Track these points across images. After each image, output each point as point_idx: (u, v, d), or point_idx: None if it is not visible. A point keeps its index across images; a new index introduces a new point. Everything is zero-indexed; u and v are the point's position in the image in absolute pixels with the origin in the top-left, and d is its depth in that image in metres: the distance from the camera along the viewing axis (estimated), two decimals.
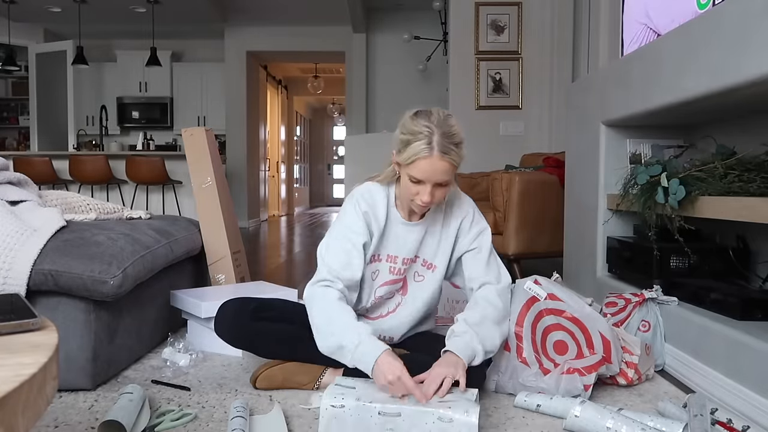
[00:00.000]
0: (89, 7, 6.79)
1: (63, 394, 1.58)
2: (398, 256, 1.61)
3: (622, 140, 2.43)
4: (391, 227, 1.59)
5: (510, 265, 3.32)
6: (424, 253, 1.63)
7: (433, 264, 1.64)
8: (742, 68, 1.47)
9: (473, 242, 1.63)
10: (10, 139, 8.67)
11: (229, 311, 1.69)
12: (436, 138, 1.40)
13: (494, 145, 4.91)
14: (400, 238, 1.60)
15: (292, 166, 11.83)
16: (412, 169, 1.44)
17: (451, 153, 1.41)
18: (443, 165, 1.42)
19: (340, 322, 1.43)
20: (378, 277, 1.62)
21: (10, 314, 0.81)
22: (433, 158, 1.40)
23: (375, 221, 1.57)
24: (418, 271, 1.64)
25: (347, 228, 1.56)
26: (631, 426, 1.29)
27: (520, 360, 1.62)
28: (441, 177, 1.43)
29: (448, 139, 1.41)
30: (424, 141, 1.40)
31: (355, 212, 1.57)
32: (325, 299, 1.48)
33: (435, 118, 1.43)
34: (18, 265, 1.53)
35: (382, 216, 1.58)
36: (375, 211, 1.58)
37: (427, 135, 1.40)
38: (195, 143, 2.69)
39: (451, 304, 2.42)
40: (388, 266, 1.61)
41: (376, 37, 7.12)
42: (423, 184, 1.45)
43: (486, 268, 1.61)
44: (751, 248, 1.99)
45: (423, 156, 1.40)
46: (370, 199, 1.58)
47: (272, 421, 1.40)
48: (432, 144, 1.40)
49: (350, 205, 1.59)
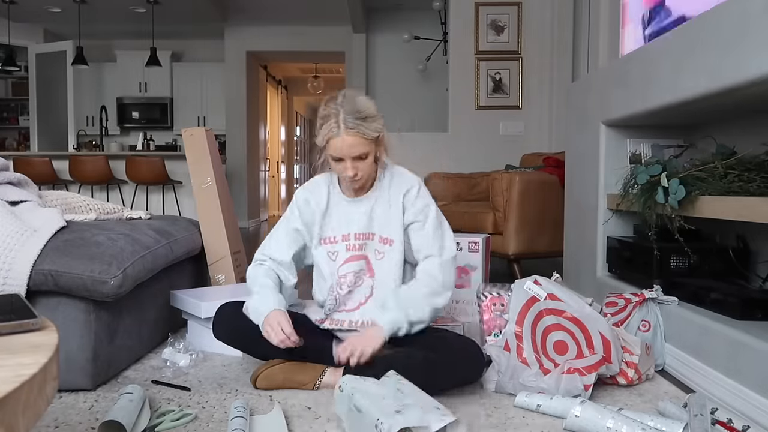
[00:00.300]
0: (89, 7, 6.79)
1: (63, 394, 1.58)
2: (350, 233, 1.70)
3: (622, 140, 2.43)
4: (335, 207, 1.72)
5: (510, 265, 3.32)
6: (378, 229, 1.70)
7: (388, 238, 1.69)
8: (741, 68, 1.47)
9: (418, 214, 1.69)
10: (10, 140, 8.67)
11: (227, 313, 1.70)
12: (342, 116, 1.54)
13: (494, 145, 4.91)
14: (347, 215, 1.71)
15: (292, 166, 11.83)
16: (329, 150, 1.58)
17: (359, 127, 1.54)
18: (352, 139, 1.55)
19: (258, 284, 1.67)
20: (338, 257, 1.70)
21: (10, 314, 0.81)
22: (341, 136, 1.55)
23: (316, 206, 1.73)
24: (378, 248, 1.70)
25: (285, 216, 1.77)
26: (631, 426, 1.29)
27: (520, 360, 1.62)
28: (355, 151, 1.56)
29: (353, 115, 1.54)
30: (332, 121, 1.55)
31: (293, 202, 1.77)
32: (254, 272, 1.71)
33: (341, 99, 1.57)
34: (18, 265, 1.53)
35: (324, 199, 1.73)
36: (316, 197, 1.73)
37: (333, 115, 1.55)
38: (195, 143, 2.69)
39: (451, 304, 2.42)
40: (344, 245, 1.70)
41: (376, 37, 7.12)
42: (343, 161, 1.58)
43: (430, 241, 1.67)
44: (751, 248, 1.99)
45: (332, 135, 1.55)
46: (311, 186, 1.76)
47: (272, 421, 1.40)
48: (338, 122, 1.54)
49: (294, 197, 1.78)
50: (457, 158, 4.79)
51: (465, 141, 4.94)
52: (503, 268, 3.64)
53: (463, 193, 4.10)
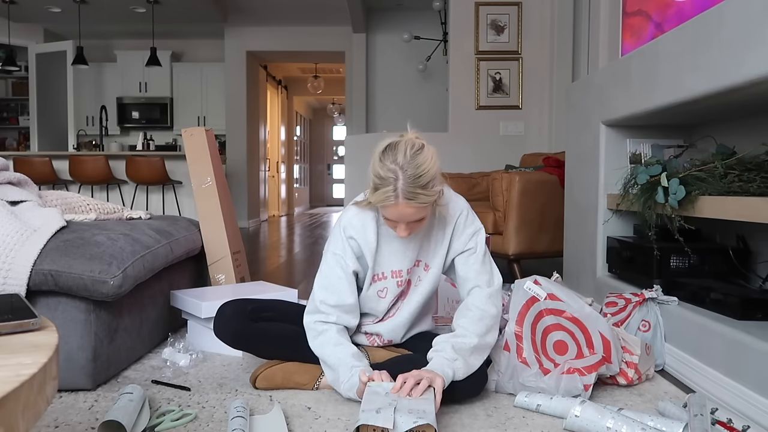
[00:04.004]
0: (89, 7, 6.79)
1: (63, 394, 1.58)
2: (402, 269, 1.62)
3: (622, 140, 2.43)
4: (386, 244, 1.60)
5: (510, 265, 3.32)
6: (422, 255, 1.64)
7: (428, 265, 1.65)
8: (742, 68, 1.47)
9: (468, 242, 1.62)
10: (10, 139, 8.68)
11: (227, 313, 1.69)
12: (401, 185, 1.39)
13: (494, 145, 4.91)
14: (399, 252, 1.61)
15: (292, 166, 11.83)
16: (383, 212, 1.48)
17: (418, 197, 1.40)
18: (410, 210, 1.42)
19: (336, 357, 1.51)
20: (388, 294, 1.63)
21: (10, 314, 0.81)
22: (399, 205, 1.41)
23: (365, 244, 1.58)
24: (420, 275, 1.65)
25: (336, 256, 1.59)
26: (631, 426, 1.29)
27: (520, 360, 1.62)
28: (412, 218, 1.45)
29: (414, 183, 1.39)
30: (390, 188, 1.40)
31: (342, 240, 1.59)
32: (324, 336, 1.55)
33: (401, 159, 1.40)
34: (18, 265, 1.53)
35: (372, 237, 1.58)
36: (364, 234, 1.58)
37: (392, 182, 1.39)
38: (195, 143, 2.69)
39: (451, 304, 2.42)
40: (396, 281, 1.62)
41: (376, 37, 7.12)
42: (398, 223, 1.47)
43: (479, 271, 1.61)
44: (751, 248, 1.99)
45: (389, 204, 1.42)
46: (358, 223, 1.59)
47: (272, 421, 1.40)
48: (397, 192, 1.39)
49: (338, 231, 1.60)
50: (457, 158, 4.79)
51: (465, 141, 4.94)
52: (503, 268, 3.61)
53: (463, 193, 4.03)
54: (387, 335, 1.68)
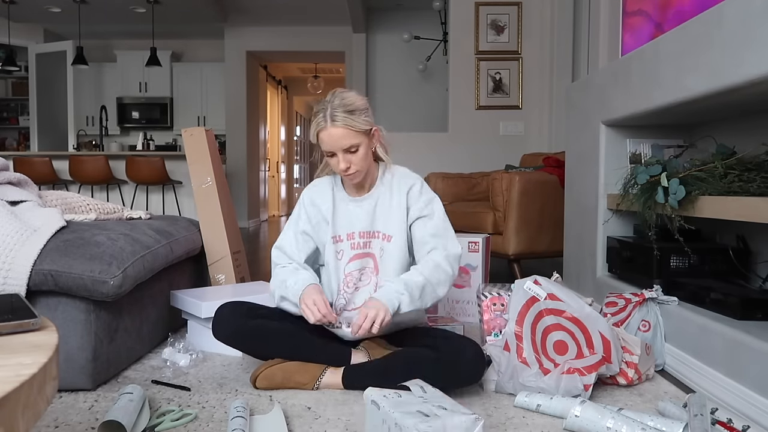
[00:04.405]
0: (89, 7, 6.79)
1: (63, 394, 1.58)
2: (354, 231, 1.73)
3: (622, 140, 2.43)
4: (340, 206, 1.75)
5: (510, 265, 3.32)
6: (380, 226, 1.72)
7: (387, 235, 1.72)
8: (742, 68, 1.47)
9: (424, 209, 1.72)
10: (10, 139, 8.68)
11: (226, 313, 1.70)
12: (329, 110, 1.60)
13: (494, 145, 4.91)
14: (351, 214, 1.74)
15: (292, 166, 11.83)
16: (321, 144, 1.64)
17: (346, 120, 1.59)
18: (338, 131, 1.59)
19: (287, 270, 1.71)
20: (344, 255, 1.73)
21: (10, 314, 0.81)
22: (327, 128, 1.60)
23: (322, 205, 1.75)
24: (382, 246, 1.72)
25: (293, 218, 1.79)
26: (631, 426, 1.29)
27: (520, 360, 1.62)
28: (343, 143, 1.60)
29: (339, 109, 1.59)
30: (320, 116, 1.61)
31: (300, 203, 1.79)
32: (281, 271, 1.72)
33: (330, 96, 1.64)
34: (18, 265, 1.53)
35: (328, 200, 1.75)
36: (320, 198, 1.76)
37: (322, 111, 1.61)
38: (195, 143, 2.69)
39: (451, 304, 2.42)
40: (349, 243, 1.73)
41: (376, 37, 7.12)
42: (335, 155, 1.63)
43: (436, 235, 1.70)
44: (751, 248, 1.99)
45: (321, 128, 1.61)
46: (314, 188, 1.79)
47: (272, 421, 1.40)
48: (326, 116, 1.60)
49: (300, 200, 1.80)
50: (457, 158, 4.80)
51: (465, 141, 4.94)
52: (503, 268, 3.64)
53: (463, 193, 4.10)
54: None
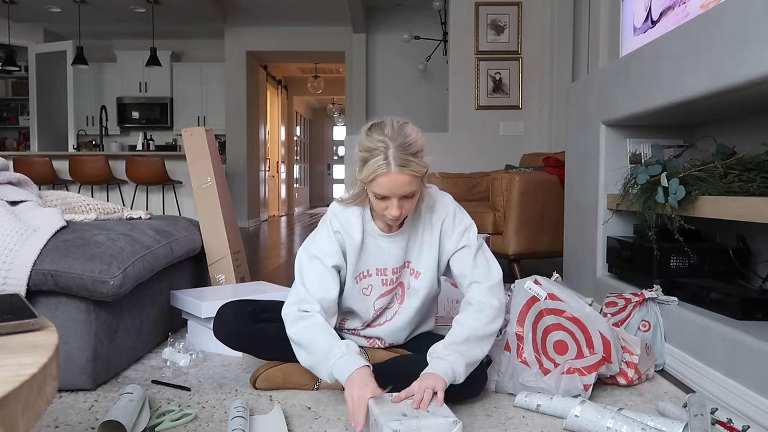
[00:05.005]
0: (89, 7, 6.79)
1: (63, 394, 1.58)
2: (387, 268, 1.60)
3: (622, 140, 2.43)
4: (371, 242, 1.57)
5: (510, 265, 3.32)
6: (411, 260, 1.62)
7: (417, 271, 1.62)
8: (742, 68, 1.47)
9: (460, 241, 1.59)
10: (10, 139, 8.67)
11: (227, 314, 1.70)
12: (392, 152, 1.37)
13: (494, 145, 4.91)
14: (383, 251, 1.58)
15: (292, 166, 11.83)
16: (374, 186, 1.42)
17: (410, 165, 1.38)
18: (403, 178, 1.39)
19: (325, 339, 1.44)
20: (372, 291, 1.61)
21: (10, 314, 0.81)
22: (391, 174, 1.38)
23: (350, 240, 1.56)
24: (410, 280, 1.63)
25: (321, 250, 1.55)
26: (631, 426, 1.29)
27: (521, 360, 1.62)
28: (404, 190, 1.41)
29: (405, 151, 1.38)
30: (381, 157, 1.37)
31: (327, 234, 1.56)
32: (308, 321, 1.48)
33: (389, 131, 1.40)
34: (18, 265, 1.53)
35: (358, 234, 1.56)
36: (349, 230, 1.56)
37: (382, 150, 1.38)
38: (195, 143, 2.69)
39: (451, 304, 2.42)
40: (380, 279, 1.60)
41: (376, 37, 7.12)
42: (389, 199, 1.43)
43: (474, 266, 1.57)
44: (751, 248, 1.99)
45: (381, 173, 1.38)
46: (344, 219, 1.57)
47: (272, 421, 1.40)
48: (388, 159, 1.37)
49: (323, 226, 1.58)
50: (457, 158, 4.79)
51: (465, 141, 4.94)
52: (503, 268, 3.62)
53: (462, 193, 4.10)
54: (388, 338, 1.67)
